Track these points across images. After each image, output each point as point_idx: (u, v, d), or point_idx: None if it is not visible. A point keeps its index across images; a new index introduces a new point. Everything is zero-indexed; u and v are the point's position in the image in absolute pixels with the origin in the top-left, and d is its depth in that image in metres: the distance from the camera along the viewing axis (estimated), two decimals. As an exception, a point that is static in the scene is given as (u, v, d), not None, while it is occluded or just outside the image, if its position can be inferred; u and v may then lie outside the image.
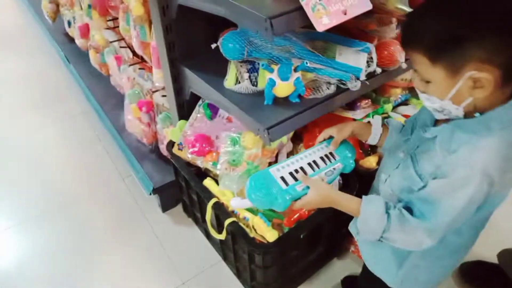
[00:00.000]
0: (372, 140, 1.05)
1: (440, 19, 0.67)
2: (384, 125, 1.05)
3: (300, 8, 0.89)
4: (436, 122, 0.85)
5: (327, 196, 0.91)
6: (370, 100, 1.47)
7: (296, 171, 0.96)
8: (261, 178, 0.94)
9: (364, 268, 1.14)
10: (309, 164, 0.99)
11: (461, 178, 0.73)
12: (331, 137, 1.05)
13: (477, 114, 0.74)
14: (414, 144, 0.88)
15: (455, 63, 0.67)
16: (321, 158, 1.01)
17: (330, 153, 1.04)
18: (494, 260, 1.49)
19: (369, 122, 1.06)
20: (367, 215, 0.85)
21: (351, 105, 1.45)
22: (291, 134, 1.44)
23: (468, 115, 0.75)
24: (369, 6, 0.98)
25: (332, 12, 0.91)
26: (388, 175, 0.95)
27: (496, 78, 0.66)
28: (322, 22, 0.89)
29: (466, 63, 0.66)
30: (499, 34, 0.64)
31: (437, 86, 0.73)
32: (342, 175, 1.30)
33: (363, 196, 0.88)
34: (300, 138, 1.50)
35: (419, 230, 0.80)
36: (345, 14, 0.94)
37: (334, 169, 1.01)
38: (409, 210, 0.82)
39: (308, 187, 0.92)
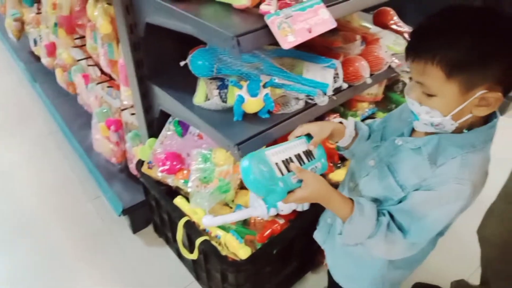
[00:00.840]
0: (345, 142, 1.02)
1: (469, 36, 0.66)
2: (355, 129, 1.04)
3: (267, 26, 0.91)
4: (412, 132, 0.86)
5: (323, 193, 0.85)
6: (338, 114, 1.51)
7: (287, 160, 0.87)
8: (260, 158, 0.82)
9: (330, 279, 1.14)
10: (296, 156, 0.91)
11: (453, 192, 0.75)
12: (307, 134, 0.98)
13: (465, 131, 0.76)
14: (387, 152, 0.88)
15: (473, 80, 0.68)
16: (304, 153, 0.94)
17: (309, 151, 0.96)
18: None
19: (341, 122, 1.03)
20: (358, 220, 0.82)
21: (320, 120, 1.48)
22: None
23: (456, 130, 0.77)
24: (333, 25, 1.01)
25: (297, 30, 0.93)
26: (356, 183, 0.95)
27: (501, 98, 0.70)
28: (288, 40, 0.91)
29: (483, 82, 0.68)
30: None
31: (445, 101, 0.71)
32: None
33: (355, 200, 0.84)
34: (271, 154, 1.51)
35: (402, 243, 0.81)
36: (310, 32, 0.96)
37: (316, 167, 0.94)
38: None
39: (301, 181, 0.84)
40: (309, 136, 0.97)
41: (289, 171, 0.85)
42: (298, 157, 0.92)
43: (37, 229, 1.82)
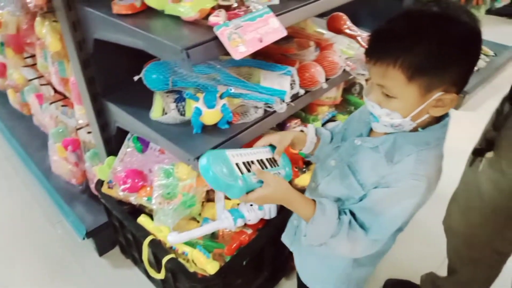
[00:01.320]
0: (307, 149, 1.04)
1: (428, 41, 0.68)
2: (317, 135, 1.06)
3: (217, 38, 0.91)
4: (371, 132, 0.89)
5: (284, 194, 0.86)
6: (299, 119, 1.52)
7: (249, 163, 0.89)
8: (218, 156, 0.86)
9: (299, 280, 1.14)
10: (258, 161, 0.93)
11: (409, 188, 0.77)
12: (270, 145, 1.01)
13: (420, 129, 0.79)
14: (347, 152, 0.90)
15: (432, 83, 0.71)
16: (267, 160, 0.97)
17: (273, 159, 0.99)
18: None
19: (302, 131, 1.06)
20: (320, 220, 0.83)
21: (281, 126, 1.49)
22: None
23: (411, 129, 0.80)
24: (284, 33, 1.02)
25: (248, 40, 0.93)
26: (318, 183, 0.97)
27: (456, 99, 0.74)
28: (239, 51, 0.91)
29: (440, 84, 0.71)
30: (470, 63, 0.72)
31: (405, 103, 0.74)
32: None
33: (317, 200, 0.85)
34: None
35: (364, 240, 0.82)
36: (261, 41, 0.96)
37: (279, 173, 0.97)
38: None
39: (261, 182, 0.85)
40: (273, 147, 1.00)
41: (249, 172, 0.87)
42: (261, 162, 0.94)
43: (-4, 259, 1.71)
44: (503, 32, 3.62)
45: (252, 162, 0.91)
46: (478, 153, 1.12)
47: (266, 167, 0.94)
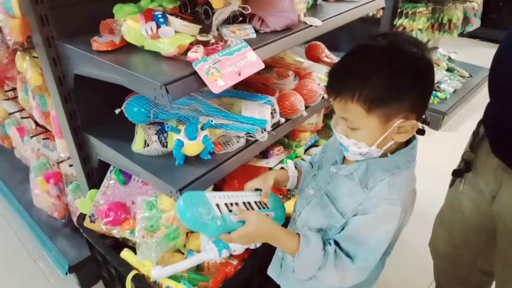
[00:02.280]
0: (291, 184, 1.06)
1: (380, 74, 0.73)
2: (298, 168, 1.09)
3: (196, 73, 0.92)
4: (345, 159, 0.91)
5: (268, 230, 0.85)
6: (282, 146, 1.54)
7: (231, 204, 0.89)
8: (197, 197, 0.86)
9: None
10: (244, 203, 0.93)
11: (386, 212, 0.79)
12: (257, 189, 1.01)
13: (389, 154, 0.83)
14: (324, 180, 0.92)
15: (390, 113, 0.75)
16: (255, 202, 0.97)
17: (263, 202, 0.99)
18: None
19: (282, 168, 1.09)
20: (306, 253, 0.83)
21: (264, 153, 1.50)
22: (210, 189, 1.43)
23: (381, 155, 0.83)
24: (261, 66, 1.04)
25: (226, 74, 0.95)
26: (299, 213, 0.97)
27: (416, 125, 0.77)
28: (218, 84, 0.93)
29: (398, 113, 0.75)
30: (422, 90, 0.76)
31: (368, 133, 0.78)
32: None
33: (301, 233, 0.85)
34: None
35: (352, 269, 0.82)
36: (240, 74, 0.99)
37: (267, 215, 0.94)
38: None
39: (243, 222, 0.85)
40: (260, 190, 1.00)
41: (231, 212, 0.87)
42: (247, 204, 0.94)
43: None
44: (477, 53, 3.77)
45: (237, 203, 0.91)
46: (457, 174, 1.15)
47: (253, 209, 0.94)
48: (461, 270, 1.29)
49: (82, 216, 1.40)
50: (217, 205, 0.87)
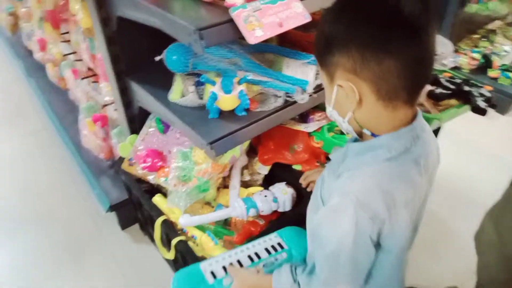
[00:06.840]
0: None
1: (325, 25, 0.67)
2: None
3: (232, 20, 0.87)
4: None
5: (253, 281, 0.92)
6: (324, 112, 1.45)
7: (231, 264, 0.99)
8: (188, 275, 0.97)
9: None
10: (249, 256, 1.02)
11: (333, 206, 0.68)
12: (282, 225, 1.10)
13: (367, 131, 0.70)
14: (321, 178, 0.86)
15: (329, 68, 0.68)
16: (266, 249, 1.04)
17: (279, 243, 1.06)
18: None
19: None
20: (278, 286, 0.85)
21: (304, 118, 1.43)
22: (245, 147, 1.41)
23: (363, 137, 0.73)
24: (308, 18, 0.96)
25: (266, 24, 0.89)
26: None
27: (363, 92, 0.64)
28: (255, 35, 0.87)
29: (336, 70, 0.66)
30: (362, 48, 0.61)
31: (325, 90, 0.73)
32: (296, 190, 1.28)
33: (274, 271, 0.88)
34: (256, 152, 1.47)
35: (313, 285, 0.77)
36: (281, 26, 0.91)
37: (276, 259, 1.02)
38: None
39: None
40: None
41: (226, 274, 0.96)
42: (251, 256, 1.02)
43: (26, 224, 1.82)
44: None
45: (238, 261, 1.00)
46: None
47: (259, 258, 1.01)
48: (509, 272, 1.18)
49: (121, 159, 1.45)
50: (212, 273, 0.97)
